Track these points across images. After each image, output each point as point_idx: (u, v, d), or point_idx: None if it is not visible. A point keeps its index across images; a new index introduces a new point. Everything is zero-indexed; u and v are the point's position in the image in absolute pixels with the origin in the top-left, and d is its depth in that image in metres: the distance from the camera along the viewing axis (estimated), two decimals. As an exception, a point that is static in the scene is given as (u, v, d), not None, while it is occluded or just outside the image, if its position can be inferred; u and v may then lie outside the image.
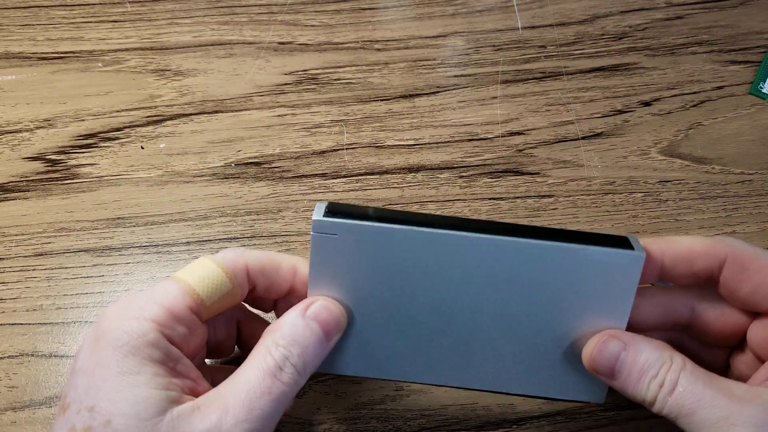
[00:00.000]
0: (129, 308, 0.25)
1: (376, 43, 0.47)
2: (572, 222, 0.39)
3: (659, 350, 0.26)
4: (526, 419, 0.33)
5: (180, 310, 0.25)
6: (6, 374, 0.33)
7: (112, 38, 0.46)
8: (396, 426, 0.32)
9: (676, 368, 0.25)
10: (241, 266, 0.27)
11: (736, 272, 0.26)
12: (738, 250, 0.26)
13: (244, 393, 0.23)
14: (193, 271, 0.26)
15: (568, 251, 0.26)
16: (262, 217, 0.39)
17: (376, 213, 0.27)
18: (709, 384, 0.25)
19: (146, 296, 0.25)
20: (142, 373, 0.23)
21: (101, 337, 0.24)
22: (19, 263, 0.37)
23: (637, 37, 0.47)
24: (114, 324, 0.24)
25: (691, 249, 0.27)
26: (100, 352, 0.23)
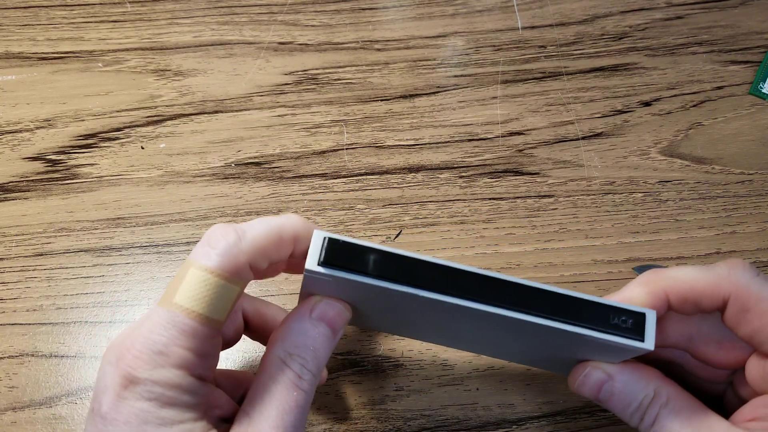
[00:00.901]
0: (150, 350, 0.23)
1: (376, 43, 0.47)
2: (572, 222, 0.39)
3: (642, 382, 0.26)
4: (526, 419, 0.33)
5: (204, 348, 0.24)
6: (6, 374, 0.33)
7: (112, 38, 0.46)
8: (396, 426, 0.32)
9: (656, 403, 0.25)
10: (242, 264, 0.24)
11: (737, 312, 0.25)
12: (741, 290, 0.25)
13: (274, 412, 0.24)
14: (198, 294, 0.24)
15: (574, 333, 0.25)
16: (262, 217, 0.39)
17: (376, 265, 0.24)
18: (688, 422, 0.25)
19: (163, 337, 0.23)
20: (184, 421, 0.23)
21: (129, 387, 0.23)
22: (19, 263, 0.37)
23: (637, 37, 0.47)
24: (140, 374, 0.23)
25: (693, 289, 0.26)
26: (133, 402, 0.23)
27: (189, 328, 0.23)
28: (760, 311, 0.25)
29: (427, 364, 0.34)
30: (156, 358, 0.23)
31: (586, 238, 0.38)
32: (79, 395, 0.33)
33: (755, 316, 0.25)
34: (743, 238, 0.39)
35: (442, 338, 0.31)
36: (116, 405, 0.23)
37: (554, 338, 0.26)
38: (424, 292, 0.24)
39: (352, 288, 0.25)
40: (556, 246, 0.39)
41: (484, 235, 0.38)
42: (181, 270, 0.24)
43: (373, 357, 0.34)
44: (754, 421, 0.25)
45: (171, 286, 0.24)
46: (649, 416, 0.25)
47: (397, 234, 0.38)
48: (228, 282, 0.24)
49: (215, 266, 0.24)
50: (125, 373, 0.23)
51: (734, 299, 0.25)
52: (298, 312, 0.26)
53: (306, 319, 0.26)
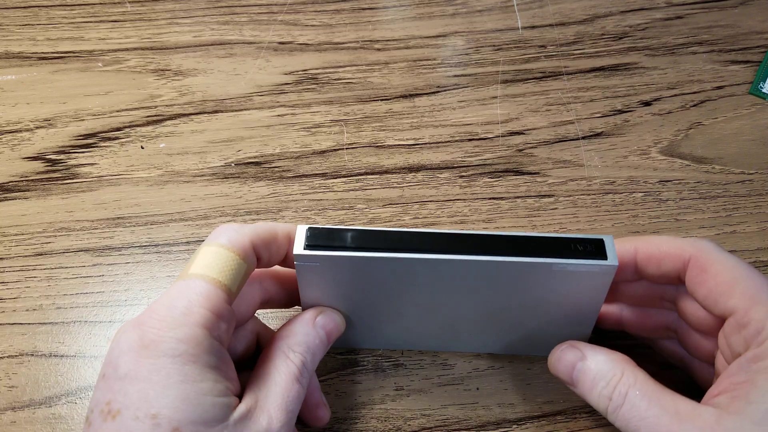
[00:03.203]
0: (171, 314, 0.24)
1: (376, 43, 0.47)
2: (572, 222, 0.39)
3: (613, 363, 0.27)
4: (526, 419, 0.33)
5: (221, 309, 0.25)
6: (6, 374, 0.33)
7: (112, 38, 0.46)
8: (396, 426, 0.32)
9: (625, 383, 0.27)
10: (247, 243, 0.27)
11: (695, 274, 0.27)
12: (701, 252, 0.27)
13: (280, 398, 0.26)
14: (211, 263, 0.26)
15: (541, 265, 0.27)
16: (262, 216, 0.39)
17: (354, 240, 0.28)
18: (656, 402, 0.25)
19: (184, 300, 0.25)
20: (205, 380, 0.24)
21: (150, 346, 0.24)
22: (19, 263, 0.37)
23: (637, 37, 0.47)
24: (164, 333, 0.24)
25: (659, 249, 0.28)
26: (155, 360, 0.24)
27: (206, 291, 0.25)
28: (714, 271, 0.26)
29: (427, 364, 0.34)
30: (179, 318, 0.24)
31: (586, 237, 0.38)
32: (78, 395, 0.33)
33: (710, 276, 0.26)
34: (743, 238, 0.38)
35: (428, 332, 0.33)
36: (137, 363, 0.24)
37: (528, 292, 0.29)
38: (398, 254, 0.27)
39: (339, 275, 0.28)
40: (556, 246, 0.39)
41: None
42: (192, 257, 0.27)
43: (373, 357, 0.34)
44: (720, 395, 0.25)
45: (185, 268, 0.27)
46: (618, 395, 0.26)
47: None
48: (236, 255, 0.27)
49: (226, 242, 0.27)
50: (147, 336, 0.24)
51: (694, 260, 0.27)
52: (304, 318, 0.30)
53: (310, 325, 0.29)
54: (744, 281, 0.26)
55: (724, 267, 0.26)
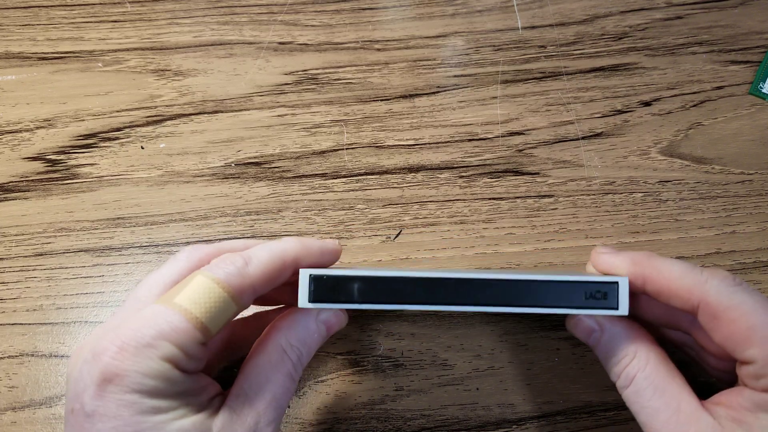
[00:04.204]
0: (136, 343, 0.23)
1: (376, 43, 0.47)
2: (572, 222, 0.39)
3: (627, 340, 0.27)
4: (526, 419, 0.33)
5: (191, 349, 0.24)
6: (6, 374, 0.33)
7: (112, 38, 0.46)
8: (396, 426, 0.32)
9: (635, 365, 0.26)
10: (245, 287, 0.26)
11: (708, 320, 0.26)
12: (710, 299, 0.25)
13: (269, 394, 0.26)
14: (199, 299, 0.25)
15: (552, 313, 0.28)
16: (262, 217, 0.39)
17: (361, 293, 0.27)
18: (661, 393, 0.25)
19: (153, 331, 0.24)
20: (179, 407, 0.24)
21: (114, 380, 0.23)
22: (19, 263, 0.37)
23: (637, 37, 0.47)
24: (127, 366, 0.23)
25: (668, 287, 0.26)
26: (122, 396, 0.23)
27: (183, 328, 0.24)
28: (728, 318, 0.25)
29: (427, 364, 0.34)
30: (143, 351, 0.23)
31: (586, 238, 0.38)
32: (79, 395, 0.33)
33: (723, 323, 0.25)
34: (743, 238, 0.39)
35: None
36: (103, 399, 0.23)
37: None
38: (409, 306, 0.27)
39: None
40: (556, 246, 0.39)
41: (484, 235, 0.38)
42: (184, 281, 0.25)
43: (373, 357, 0.34)
44: (721, 405, 0.25)
45: (172, 291, 0.25)
46: (626, 377, 0.26)
47: (397, 234, 0.38)
48: (230, 298, 0.25)
49: (223, 278, 0.25)
50: (107, 368, 0.23)
51: (704, 306, 0.25)
52: (306, 310, 0.28)
53: (313, 318, 0.28)
54: (761, 330, 0.24)
55: (737, 314, 0.25)
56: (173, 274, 0.27)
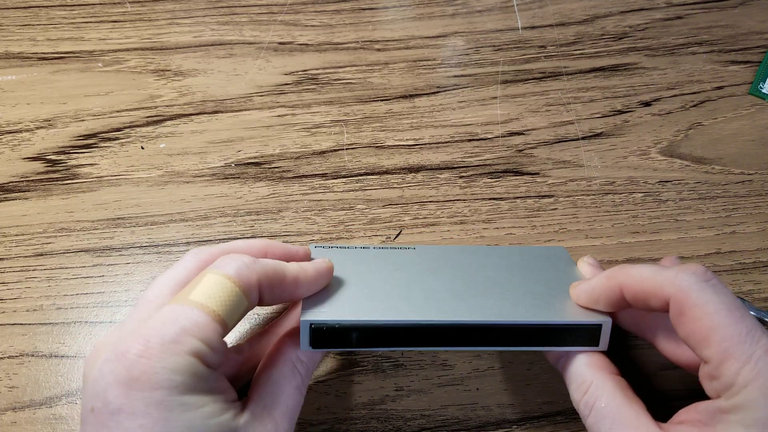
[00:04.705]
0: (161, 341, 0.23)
1: (376, 43, 0.47)
2: (572, 222, 0.39)
3: (587, 368, 0.28)
4: (526, 419, 0.33)
5: (214, 343, 0.25)
6: (6, 374, 0.33)
7: (112, 38, 0.46)
8: (396, 426, 0.32)
9: (593, 394, 0.27)
10: (254, 281, 0.26)
11: (675, 316, 0.26)
12: (679, 294, 0.26)
13: (284, 406, 0.27)
14: (213, 293, 0.25)
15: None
16: (262, 217, 0.39)
17: (359, 340, 0.29)
18: (619, 421, 0.26)
19: (176, 327, 0.24)
20: (206, 405, 0.24)
21: (141, 378, 0.23)
22: (20, 263, 0.37)
23: (637, 37, 0.47)
24: (154, 364, 0.23)
25: (642, 288, 0.27)
26: (150, 393, 0.23)
27: (203, 322, 0.24)
28: (692, 316, 0.25)
29: (427, 364, 0.34)
30: (169, 347, 0.23)
31: (586, 238, 0.38)
32: (79, 395, 0.33)
33: (688, 320, 0.25)
34: (743, 238, 0.39)
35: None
36: (130, 397, 0.23)
37: None
38: (402, 348, 0.30)
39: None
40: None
41: (484, 235, 0.38)
42: (194, 280, 0.26)
43: (373, 357, 0.34)
44: (682, 424, 0.26)
45: (184, 290, 0.26)
46: (585, 406, 0.27)
47: (397, 234, 0.38)
48: (241, 292, 0.26)
49: (233, 274, 0.26)
50: (134, 366, 0.23)
51: (673, 302, 0.26)
52: None
53: None
54: (720, 331, 0.25)
55: (701, 312, 0.25)
56: (182, 275, 0.28)
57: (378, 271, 0.32)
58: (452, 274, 0.32)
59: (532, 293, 0.31)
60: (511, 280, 0.32)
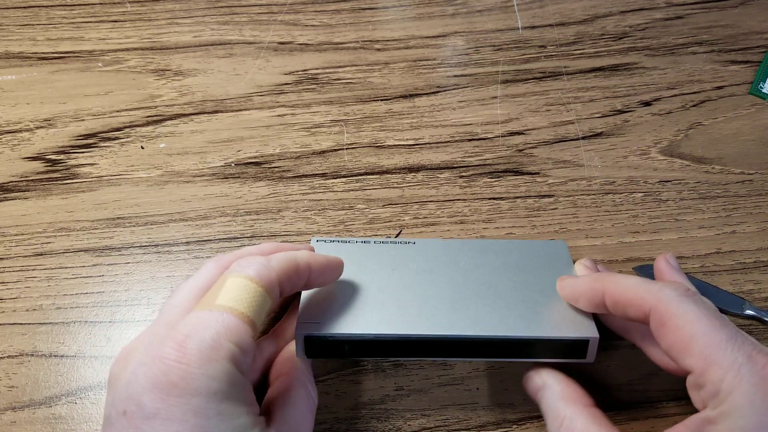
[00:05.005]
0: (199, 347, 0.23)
1: (376, 43, 0.47)
2: (572, 222, 0.39)
3: (562, 402, 0.29)
4: (526, 419, 0.33)
5: (247, 344, 0.25)
6: (6, 374, 0.33)
7: (112, 38, 0.46)
8: (396, 426, 0.32)
9: (567, 426, 0.28)
10: (274, 279, 0.27)
11: (656, 327, 0.26)
12: (661, 304, 0.26)
13: (303, 423, 0.28)
14: (239, 296, 0.26)
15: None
16: (262, 216, 0.39)
17: (349, 351, 0.30)
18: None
19: (211, 332, 0.24)
20: (240, 416, 0.24)
21: (180, 384, 0.23)
22: (19, 263, 0.37)
23: (637, 37, 0.47)
24: (193, 369, 0.23)
25: (624, 296, 0.28)
26: (189, 399, 0.23)
27: (234, 324, 0.24)
28: (673, 325, 0.26)
29: (427, 363, 0.34)
30: (207, 353, 0.23)
31: (587, 237, 0.38)
32: (78, 395, 0.33)
33: (669, 330, 0.26)
34: (743, 238, 0.38)
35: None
36: (167, 403, 0.22)
37: None
38: (394, 357, 0.32)
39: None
40: (556, 246, 0.39)
41: (485, 235, 0.38)
42: (215, 286, 0.26)
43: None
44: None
45: (208, 296, 0.26)
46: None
47: (397, 234, 0.38)
48: (264, 291, 0.26)
49: (254, 275, 0.26)
50: (172, 371, 0.23)
51: (654, 313, 0.26)
52: None
53: None
54: (701, 339, 0.25)
55: (682, 322, 0.25)
56: (205, 282, 0.28)
57: (375, 272, 0.33)
58: (449, 276, 0.33)
59: (525, 302, 0.32)
60: (506, 284, 0.33)
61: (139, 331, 0.35)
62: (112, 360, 0.34)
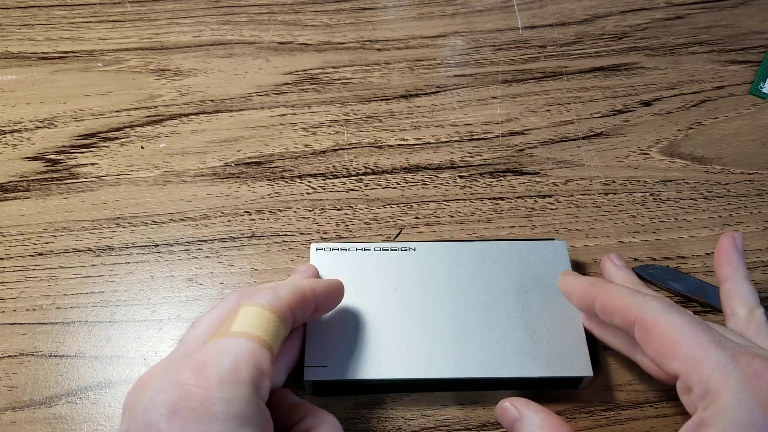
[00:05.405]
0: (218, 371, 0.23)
1: (376, 43, 0.47)
2: (572, 222, 0.39)
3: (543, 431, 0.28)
4: (526, 419, 0.33)
5: (266, 367, 0.25)
6: (6, 374, 0.33)
7: (112, 38, 0.46)
8: (396, 426, 0.32)
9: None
10: (285, 308, 0.27)
11: (641, 336, 0.27)
12: (645, 314, 0.27)
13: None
14: (254, 322, 0.26)
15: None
16: (262, 216, 0.39)
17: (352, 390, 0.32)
18: None
19: (230, 356, 0.24)
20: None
21: (199, 409, 0.22)
22: (19, 263, 0.37)
23: (637, 37, 0.47)
24: (213, 393, 0.23)
25: (611, 304, 0.29)
26: (208, 425, 0.22)
27: (252, 348, 0.25)
28: (658, 333, 0.26)
29: (427, 363, 0.34)
30: (227, 376, 0.23)
31: (587, 237, 0.38)
32: (78, 395, 0.33)
33: (654, 338, 0.26)
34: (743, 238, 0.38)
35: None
36: (187, 429, 0.22)
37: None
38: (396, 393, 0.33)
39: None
40: (556, 246, 0.38)
41: (485, 235, 0.38)
42: (229, 316, 0.27)
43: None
44: None
45: (223, 326, 0.26)
46: None
47: (397, 234, 0.38)
48: (278, 318, 0.27)
49: (266, 303, 0.27)
50: (192, 396, 0.22)
51: (639, 322, 0.27)
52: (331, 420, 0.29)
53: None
54: (686, 342, 0.25)
55: (667, 329, 0.26)
56: (226, 314, 0.28)
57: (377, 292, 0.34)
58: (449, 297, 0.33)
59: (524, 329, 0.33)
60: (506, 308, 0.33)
61: (138, 331, 0.35)
62: (112, 360, 0.34)
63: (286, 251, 0.37)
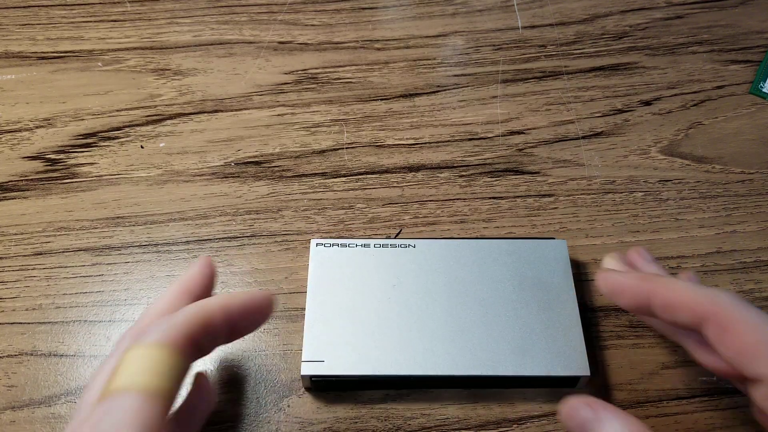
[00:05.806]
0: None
1: (376, 42, 0.47)
2: (572, 221, 0.39)
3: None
4: (526, 418, 0.33)
5: (157, 422, 0.22)
6: (5, 373, 0.33)
7: (112, 38, 0.46)
8: (396, 426, 0.32)
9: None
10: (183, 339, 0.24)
11: (716, 333, 0.25)
12: (720, 309, 0.25)
13: None
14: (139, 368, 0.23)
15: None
16: (261, 216, 0.39)
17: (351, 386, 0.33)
18: None
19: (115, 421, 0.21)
20: None
21: None
22: (19, 262, 0.37)
23: (637, 37, 0.47)
24: None
25: (677, 299, 0.26)
26: None
27: (133, 408, 0.22)
28: (737, 331, 0.24)
29: (427, 363, 0.34)
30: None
31: (587, 237, 0.38)
32: (78, 394, 0.33)
33: (733, 336, 0.24)
34: (743, 238, 0.38)
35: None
36: None
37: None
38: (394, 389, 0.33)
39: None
40: (556, 245, 0.38)
41: (485, 235, 0.38)
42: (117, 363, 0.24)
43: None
44: None
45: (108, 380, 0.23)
46: None
47: (397, 233, 0.38)
48: (171, 353, 0.23)
49: (156, 339, 0.23)
50: None
51: (714, 319, 0.25)
52: None
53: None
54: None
55: (747, 327, 0.24)
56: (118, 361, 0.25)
57: (376, 287, 0.34)
58: (448, 294, 0.33)
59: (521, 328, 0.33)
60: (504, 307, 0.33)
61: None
62: (111, 359, 0.34)
63: (286, 251, 0.37)
